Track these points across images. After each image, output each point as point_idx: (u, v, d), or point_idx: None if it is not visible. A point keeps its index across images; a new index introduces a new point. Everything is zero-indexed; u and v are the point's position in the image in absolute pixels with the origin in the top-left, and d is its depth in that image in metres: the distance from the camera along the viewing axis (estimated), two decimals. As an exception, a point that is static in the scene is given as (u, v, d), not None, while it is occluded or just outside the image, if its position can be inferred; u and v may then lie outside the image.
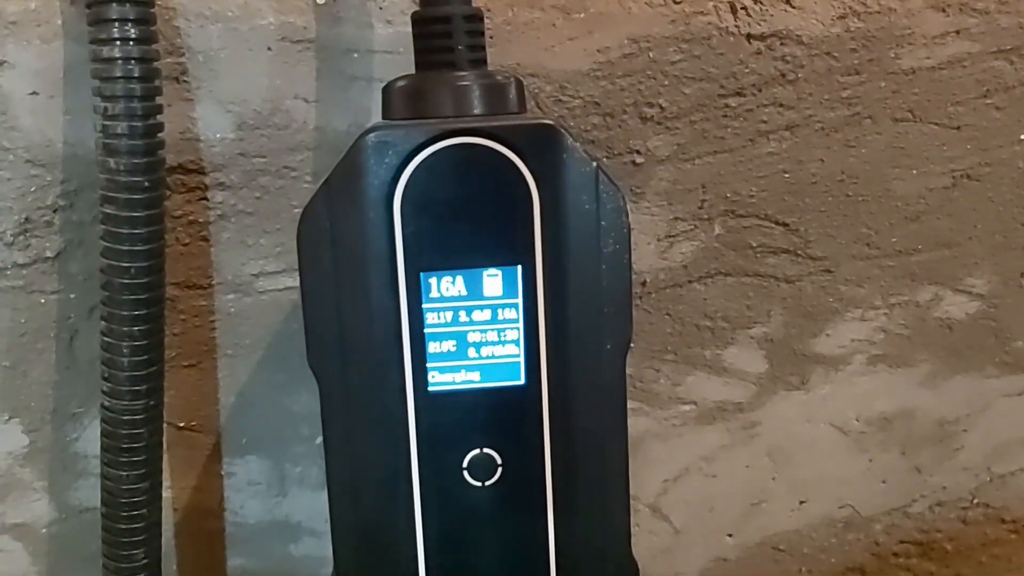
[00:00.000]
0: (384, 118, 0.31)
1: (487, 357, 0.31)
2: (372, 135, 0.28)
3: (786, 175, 0.44)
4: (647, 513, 0.51)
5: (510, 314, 0.30)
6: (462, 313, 0.30)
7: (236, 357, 0.41)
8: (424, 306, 0.30)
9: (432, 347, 0.30)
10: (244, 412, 0.42)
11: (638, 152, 0.42)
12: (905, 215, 0.47)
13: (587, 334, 0.31)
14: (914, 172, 0.46)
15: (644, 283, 0.45)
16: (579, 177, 0.29)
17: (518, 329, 0.30)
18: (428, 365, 0.30)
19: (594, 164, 0.29)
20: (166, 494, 0.42)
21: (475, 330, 0.30)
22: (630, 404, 0.47)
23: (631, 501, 0.49)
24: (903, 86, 0.44)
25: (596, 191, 0.29)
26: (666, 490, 0.50)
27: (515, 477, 0.32)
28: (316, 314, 0.29)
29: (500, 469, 0.31)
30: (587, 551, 0.33)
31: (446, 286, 0.30)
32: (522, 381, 0.31)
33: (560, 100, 0.40)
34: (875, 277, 0.48)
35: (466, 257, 0.29)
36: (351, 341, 0.30)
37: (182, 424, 0.42)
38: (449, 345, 0.30)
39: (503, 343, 0.31)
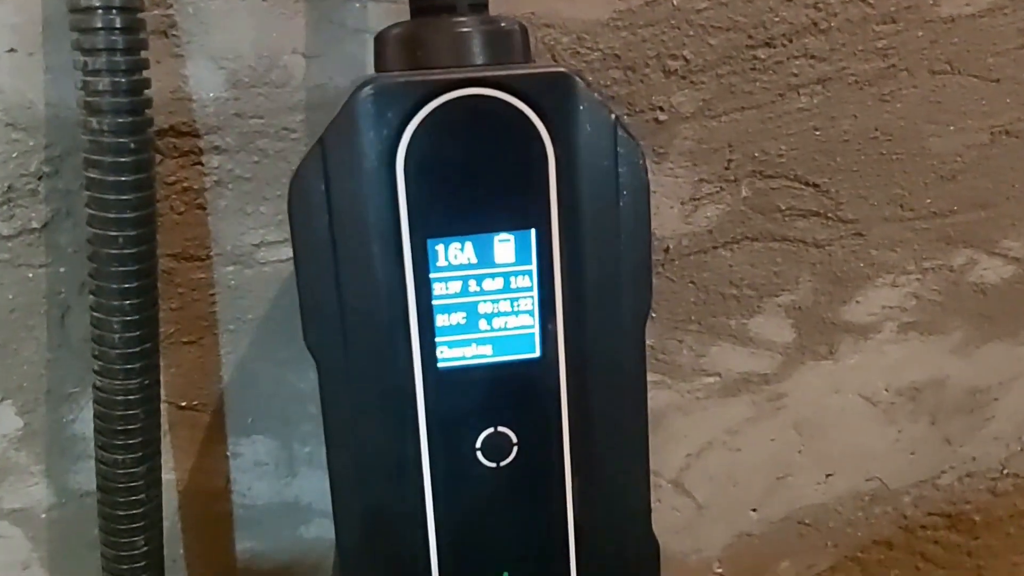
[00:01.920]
0: (377, 70, 0.29)
1: (500, 329, 0.29)
2: (370, 88, 0.26)
3: (817, 132, 0.42)
4: (669, 489, 0.49)
5: (524, 282, 0.28)
6: (472, 282, 0.28)
7: (238, 332, 0.40)
8: (431, 276, 0.28)
9: (441, 320, 0.28)
10: (249, 390, 0.41)
11: (661, 109, 0.40)
12: (940, 174, 0.45)
13: (606, 302, 0.29)
14: (951, 128, 0.44)
15: (667, 249, 0.43)
16: (597, 131, 0.27)
17: (532, 298, 0.28)
18: (437, 340, 0.28)
19: (612, 116, 0.27)
20: (169, 477, 0.41)
21: (486, 300, 0.28)
22: (651, 377, 0.46)
23: (652, 477, 0.48)
24: (941, 35, 0.42)
25: (615, 146, 0.27)
26: (689, 465, 0.49)
27: (531, 456, 0.30)
28: (312, 288, 0.27)
29: (515, 448, 0.30)
30: (607, 531, 0.32)
31: (454, 253, 0.28)
32: (537, 354, 0.29)
33: (578, 53, 0.38)
34: (908, 240, 0.47)
35: (476, 221, 0.27)
36: (352, 317, 0.28)
37: (184, 403, 0.40)
38: (459, 317, 0.28)
39: (516, 313, 0.29)
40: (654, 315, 0.45)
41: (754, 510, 0.52)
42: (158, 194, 0.35)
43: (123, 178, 0.31)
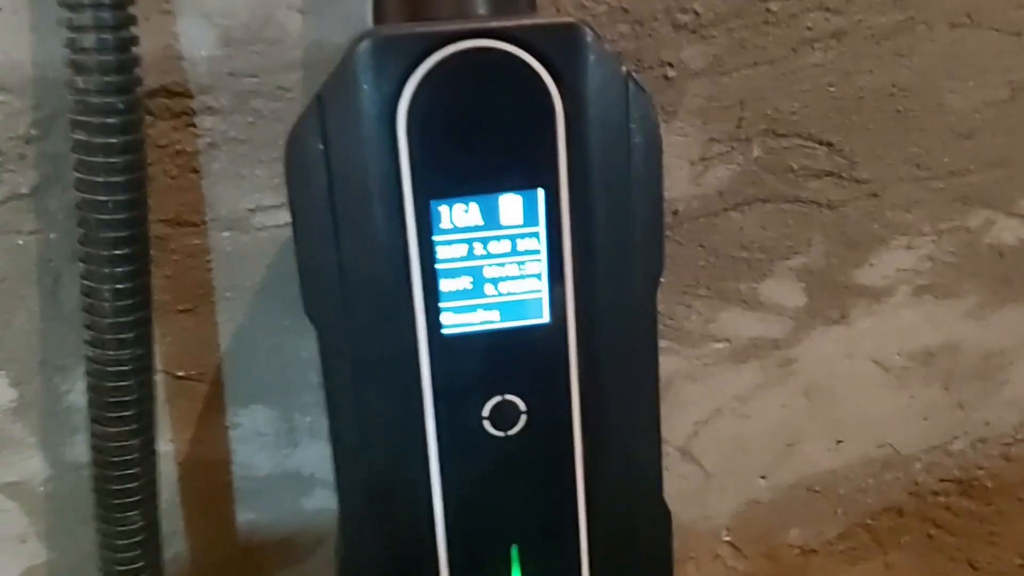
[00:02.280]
0: (376, 23, 0.28)
1: (507, 294, 0.28)
2: (369, 41, 0.25)
3: (831, 89, 0.41)
4: (677, 456, 0.49)
5: (531, 244, 0.27)
6: (478, 245, 0.27)
7: (235, 300, 0.39)
8: (435, 238, 0.26)
9: (445, 285, 0.27)
10: (247, 359, 0.40)
11: (670, 65, 0.39)
12: (958, 132, 0.44)
13: (617, 264, 0.28)
14: (970, 84, 0.43)
15: (676, 212, 0.42)
16: (607, 84, 0.26)
17: (541, 261, 0.27)
18: (441, 305, 0.27)
19: (623, 69, 0.26)
20: (168, 448, 0.40)
21: (493, 264, 0.27)
22: (659, 343, 0.45)
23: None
24: None
25: (626, 100, 0.26)
26: (697, 432, 0.49)
27: (540, 425, 0.29)
28: (311, 252, 0.26)
29: (524, 417, 0.29)
30: (618, 499, 0.31)
31: (459, 215, 0.26)
32: (546, 319, 0.28)
33: (583, 6, 0.37)
34: (924, 201, 0.46)
35: (481, 181, 0.26)
36: (352, 282, 0.27)
37: (180, 373, 0.40)
38: (464, 282, 0.27)
39: (524, 277, 0.28)
40: (662, 280, 0.44)
41: (763, 477, 0.51)
42: (150, 158, 0.34)
43: (111, 140, 0.30)
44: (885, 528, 0.55)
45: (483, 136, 0.26)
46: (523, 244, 0.27)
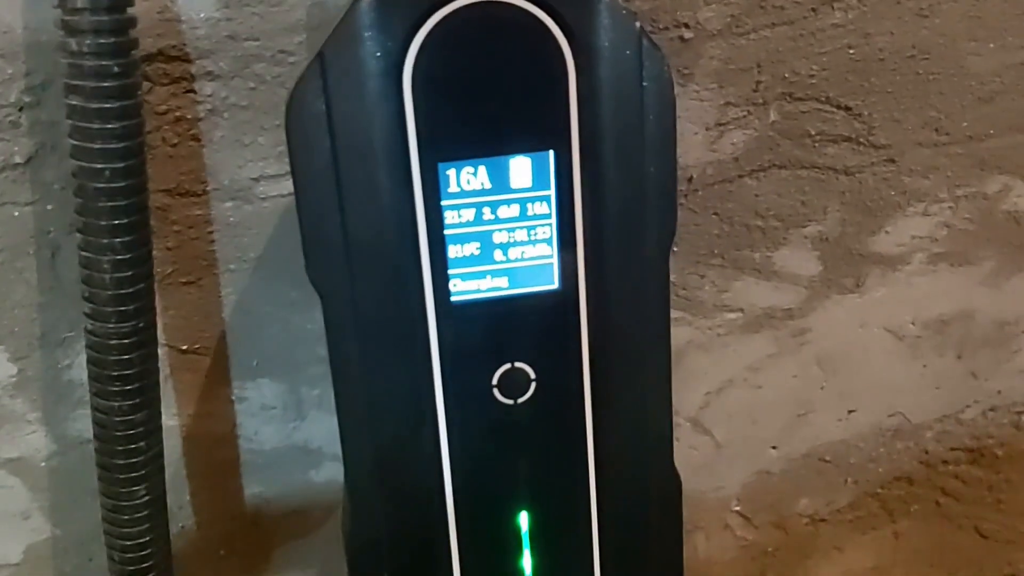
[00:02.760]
0: None
1: (516, 260, 0.27)
2: (372, -4, 0.24)
3: (851, 51, 0.40)
4: (688, 427, 0.49)
5: (541, 208, 0.26)
6: (486, 210, 0.26)
7: (240, 272, 0.38)
8: (443, 203, 0.25)
9: (453, 251, 0.26)
10: (253, 332, 0.40)
11: (686, 26, 0.37)
12: (979, 95, 0.43)
13: (629, 228, 0.27)
14: (991, 46, 0.42)
15: (690, 179, 0.41)
16: (620, 41, 0.25)
17: (551, 226, 0.27)
18: (449, 272, 0.26)
19: (637, 24, 0.25)
20: (172, 423, 0.40)
21: (502, 229, 0.26)
22: (672, 313, 0.44)
23: (671, 416, 0.47)
24: None
25: (640, 58, 0.25)
26: (708, 403, 0.48)
27: (550, 392, 0.29)
28: (314, 217, 0.26)
29: (534, 384, 0.28)
30: (628, 467, 0.31)
31: (467, 178, 0.26)
32: (556, 285, 0.27)
33: None
34: (942, 167, 0.45)
35: (490, 143, 0.25)
36: (358, 247, 0.26)
37: (185, 347, 0.39)
38: (472, 248, 0.26)
39: (534, 243, 0.27)
40: (675, 248, 0.43)
41: (774, 447, 0.51)
42: (148, 125, 0.33)
43: (107, 105, 0.29)
44: (895, 497, 0.54)
45: (492, 96, 0.25)
46: (533, 208, 0.26)
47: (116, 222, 0.30)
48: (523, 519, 0.29)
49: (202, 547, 0.43)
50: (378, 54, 0.24)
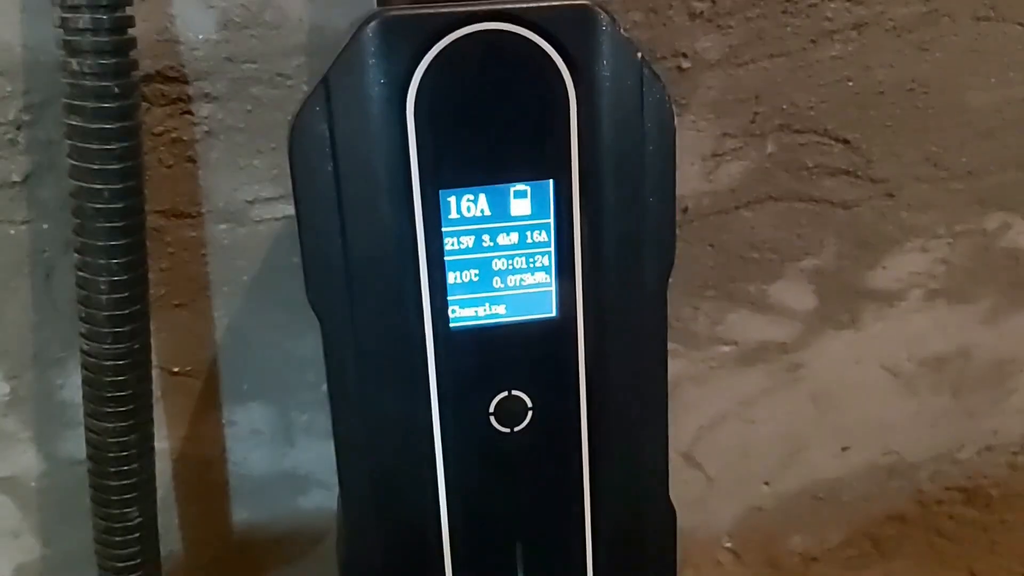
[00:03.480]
0: (380, 3, 0.27)
1: (514, 287, 0.27)
2: (377, 23, 0.24)
3: (850, 83, 0.40)
4: (679, 461, 0.48)
5: (540, 237, 0.26)
6: (486, 237, 0.26)
7: (232, 295, 0.38)
8: (443, 229, 0.25)
9: (452, 277, 0.26)
10: (244, 356, 0.39)
11: (684, 55, 0.38)
12: (978, 131, 0.44)
13: (628, 258, 0.27)
14: (992, 81, 0.42)
15: (685, 209, 0.41)
16: (621, 71, 0.25)
17: (549, 254, 0.27)
18: (448, 298, 0.26)
19: (639, 55, 0.25)
20: (162, 445, 0.40)
21: (501, 256, 0.26)
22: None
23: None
24: None
25: (640, 87, 0.25)
26: (701, 437, 0.48)
27: (547, 421, 0.28)
28: (316, 241, 0.26)
29: (530, 413, 0.28)
30: (624, 499, 0.30)
31: (467, 205, 0.25)
32: (554, 314, 0.27)
33: None
34: (940, 202, 0.45)
35: (491, 171, 0.25)
36: (358, 272, 0.26)
37: (176, 369, 0.39)
38: (471, 274, 0.26)
39: (532, 271, 0.27)
40: (670, 280, 0.43)
41: (767, 483, 0.50)
42: (145, 146, 0.33)
43: (107, 125, 0.29)
44: (888, 536, 0.54)
45: (494, 123, 0.25)
46: (532, 236, 0.26)
47: (113, 243, 0.30)
48: (518, 548, 0.29)
49: (189, 571, 0.43)
50: (382, 81, 0.24)
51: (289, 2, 0.33)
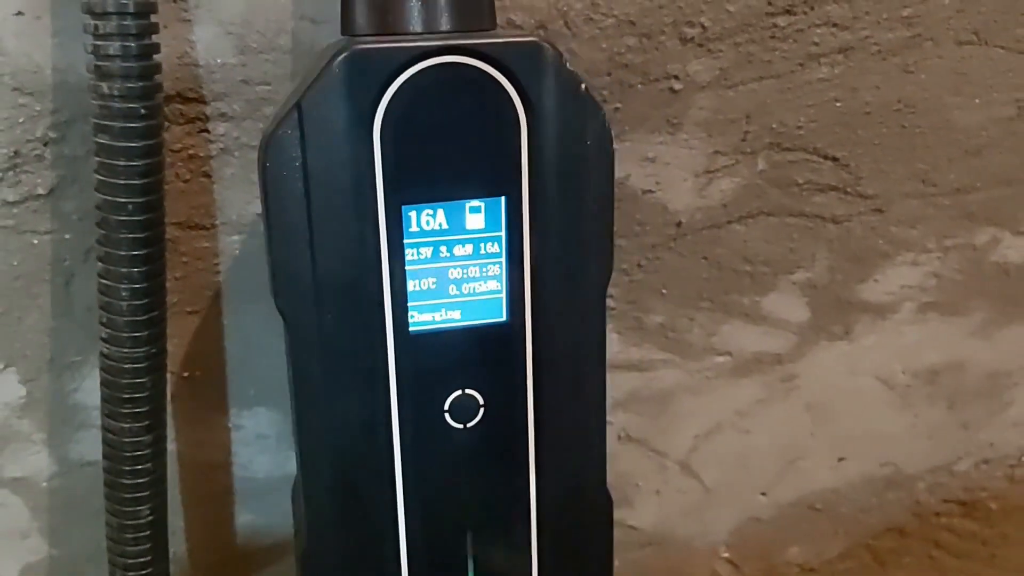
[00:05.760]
0: (344, 32, 0.29)
1: (469, 294, 0.29)
2: (347, 56, 0.26)
3: (838, 104, 0.41)
4: (676, 470, 0.49)
5: (493, 248, 0.28)
6: (443, 248, 0.28)
7: (242, 303, 0.39)
8: (405, 241, 0.28)
9: (412, 285, 0.28)
10: (251, 362, 0.40)
11: (676, 78, 0.39)
12: (965, 149, 0.44)
13: (571, 268, 0.30)
14: (976, 101, 0.43)
15: (679, 224, 0.42)
16: (567, 99, 0.27)
17: (501, 264, 0.29)
18: (408, 304, 0.28)
19: (583, 85, 0.27)
20: (170, 448, 0.40)
21: (457, 266, 0.28)
22: (660, 355, 0.45)
23: (659, 458, 0.47)
24: (968, 4, 0.40)
25: (585, 114, 0.28)
26: (697, 447, 0.48)
27: (497, 417, 0.30)
28: (285, 251, 0.28)
29: (482, 410, 0.30)
30: (565, 487, 0.32)
31: (427, 219, 0.28)
32: (504, 318, 0.29)
33: (591, 19, 0.37)
34: (929, 217, 0.45)
35: (449, 188, 0.27)
36: (326, 280, 0.28)
37: (185, 374, 0.40)
38: (430, 282, 0.28)
39: (485, 279, 0.29)
40: (665, 291, 0.44)
41: (763, 494, 0.51)
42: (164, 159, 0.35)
43: (133, 144, 0.30)
44: (886, 548, 0.54)
45: (452, 146, 0.27)
46: (485, 248, 0.28)
47: (135, 252, 0.32)
48: (468, 535, 0.31)
49: (193, 573, 0.44)
50: (351, 108, 0.26)
51: (301, 28, 0.34)
